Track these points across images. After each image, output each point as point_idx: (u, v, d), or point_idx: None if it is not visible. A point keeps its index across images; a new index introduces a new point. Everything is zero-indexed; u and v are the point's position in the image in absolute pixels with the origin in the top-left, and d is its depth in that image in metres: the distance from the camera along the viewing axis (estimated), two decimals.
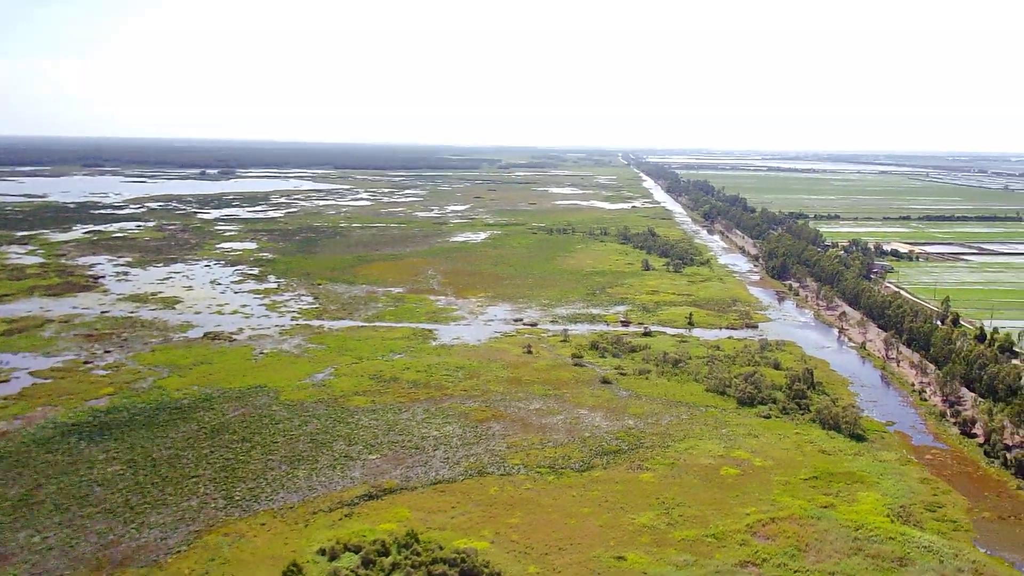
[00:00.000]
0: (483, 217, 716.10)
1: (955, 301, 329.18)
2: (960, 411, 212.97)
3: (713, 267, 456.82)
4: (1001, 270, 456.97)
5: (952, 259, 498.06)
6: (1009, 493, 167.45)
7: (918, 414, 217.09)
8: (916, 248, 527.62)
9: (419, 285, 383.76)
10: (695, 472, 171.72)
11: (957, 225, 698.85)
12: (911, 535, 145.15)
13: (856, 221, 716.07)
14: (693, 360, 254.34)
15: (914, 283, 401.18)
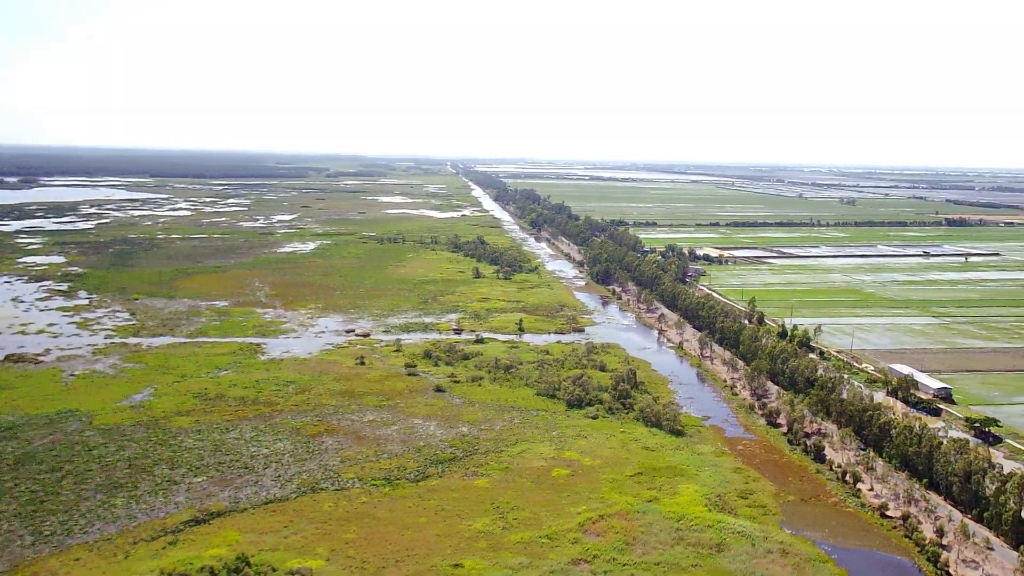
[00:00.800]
0: (312, 227, 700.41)
1: (760, 301, 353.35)
2: (767, 403, 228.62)
3: (541, 273, 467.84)
4: (798, 271, 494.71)
5: (756, 262, 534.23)
6: (810, 477, 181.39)
7: (730, 408, 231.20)
8: (725, 252, 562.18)
9: (245, 298, 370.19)
10: (528, 475, 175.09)
11: (760, 231, 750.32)
12: (726, 522, 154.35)
13: (672, 228, 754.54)
14: (524, 365, 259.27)
15: (724, 285, 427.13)
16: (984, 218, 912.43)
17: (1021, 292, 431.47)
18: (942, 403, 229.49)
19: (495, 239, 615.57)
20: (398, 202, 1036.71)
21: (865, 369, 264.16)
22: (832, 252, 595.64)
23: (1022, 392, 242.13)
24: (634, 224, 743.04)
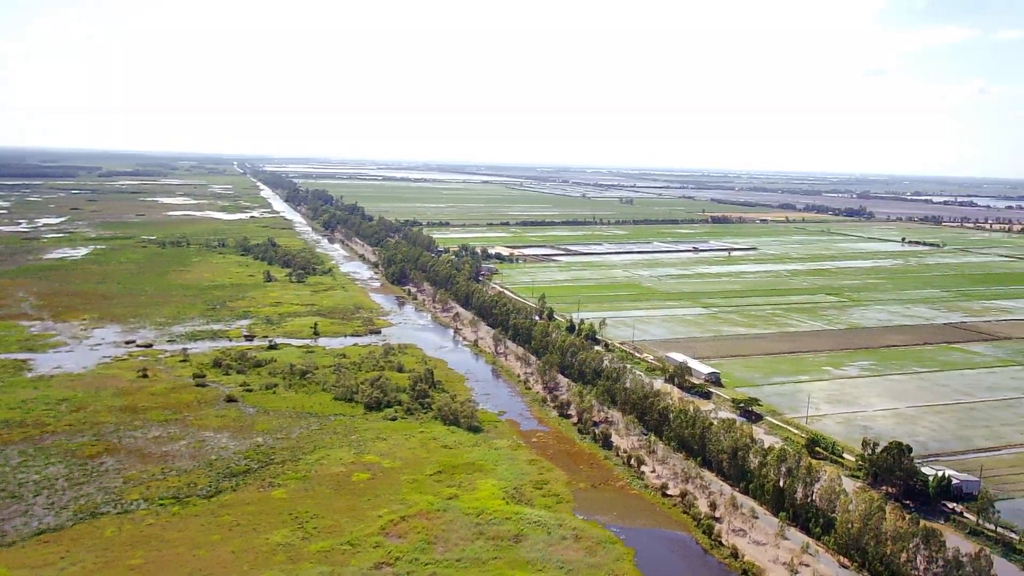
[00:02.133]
0: (83, 231, 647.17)
1: (550, 297, 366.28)
2: (558, 396, 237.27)
3: (336, 276, 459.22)
4: (584, 268, 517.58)
5: (546, 260, 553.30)
6: (599, 463, 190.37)
7: (524, 402, 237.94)
8: (516, 251, 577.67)
9: (7, 310, 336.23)
10: (327, 482, 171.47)
11: (548, 229, 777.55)
12: (523, 513, 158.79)
13: (464, 227, 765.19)
14: (321, 370, 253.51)
15: (516, 283, 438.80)
16: (743, 216, 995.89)
17: (775, 283, 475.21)
18: (712, 387, 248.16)
19: (287, 241, 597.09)
20: (181, 203, 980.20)
21: (645, 358, 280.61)
22: (614, 249, 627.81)
23: (778, 373, 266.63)
24: (428, 224, 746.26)
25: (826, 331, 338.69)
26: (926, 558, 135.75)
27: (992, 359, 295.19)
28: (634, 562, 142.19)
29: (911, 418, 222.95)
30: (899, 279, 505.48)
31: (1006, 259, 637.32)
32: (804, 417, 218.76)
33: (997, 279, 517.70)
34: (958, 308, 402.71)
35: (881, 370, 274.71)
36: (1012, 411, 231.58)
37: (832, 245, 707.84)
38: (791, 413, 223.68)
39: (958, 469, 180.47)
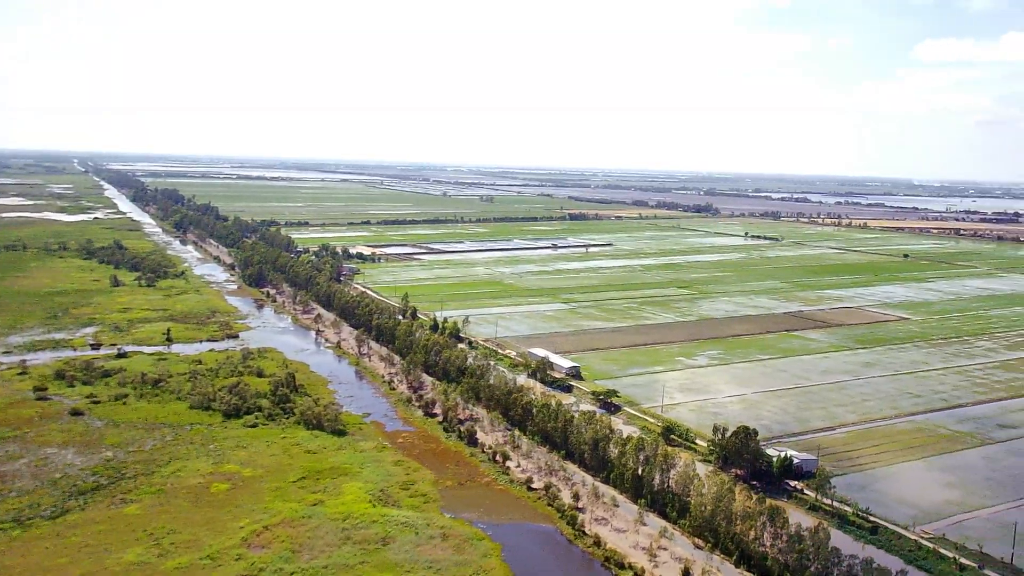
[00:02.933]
0: None
1: (413, 296, 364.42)
2: (423, 395, 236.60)
3: (189, 279, 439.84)
4: (446, 266, 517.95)
5: (408, 259, 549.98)
6: (465, 461, 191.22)
7: (389, 402, 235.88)
8: (378, 250, 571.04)
9: None
10: (185, 495, 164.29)
11: (410, 228, 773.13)
12: (391, 514, 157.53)
13: (324, 227, 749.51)
14: (175, 378, 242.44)
15: (379, 283, 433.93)
16: (599, 213, 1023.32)
17: (630, 277, 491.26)
18: (573, 380, 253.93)
19: (135, 243, 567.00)
20: (15, 204, 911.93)
21: (508, 355, 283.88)
22: (476, 247, 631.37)
23: (634, 364, 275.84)
24: (286, 224, 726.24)
25: (678, 323, 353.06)
26: (772, 534, 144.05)
27: (826, 345, 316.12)
28: (501, 557, 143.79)
29: (756, 403, 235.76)
30: (743, 272, 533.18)
31: (837, 251, 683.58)
32: (660, 406, 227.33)
33: (830, 270, 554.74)
34: (796, 298, 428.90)
35: (729, 359, 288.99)
36: (844, 393, 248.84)
37: (682, 240, 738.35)
38: (648, 403, 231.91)
39: (798, 449, 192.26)
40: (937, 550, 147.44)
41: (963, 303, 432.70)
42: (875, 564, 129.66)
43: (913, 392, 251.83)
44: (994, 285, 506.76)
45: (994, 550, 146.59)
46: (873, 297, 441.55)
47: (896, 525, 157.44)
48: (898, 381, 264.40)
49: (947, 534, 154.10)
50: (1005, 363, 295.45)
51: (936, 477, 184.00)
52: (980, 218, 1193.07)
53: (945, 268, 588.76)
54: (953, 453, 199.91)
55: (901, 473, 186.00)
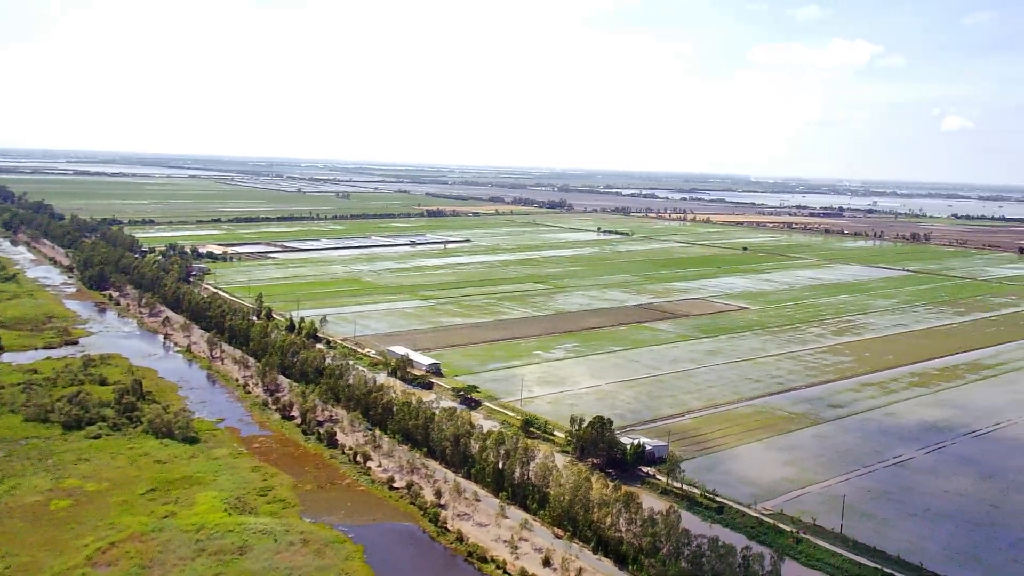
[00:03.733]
0: None
1: (268, 296, 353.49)
2: (280, 398, 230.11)
3: (21, 282, 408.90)
4: (302, 265, 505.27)
5: (262, 258, 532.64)
6: (325, 463, 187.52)
7: (244, 407, 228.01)
8: (230, 249, 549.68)
9: None
10: (21, 514, 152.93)
11: (263, 226, 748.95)
12: (247, 523, 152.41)
13: (171, 225, 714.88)
14: (7, 389, 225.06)
15: (231, 283, 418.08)
16: (457, 209, 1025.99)
17: (488, 273, 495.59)
18: (433, 377, 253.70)
19: None
20: None
21: (368, 353, 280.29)
22: (332, 244, 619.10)
23: (494, 360, 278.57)
24: (129, 223, 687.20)
25: (535, 317, 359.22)
26: (627, 520, 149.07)
27: (674, 335, 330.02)
28: (364, 559, 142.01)
29: (610, 393, 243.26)
30: (596, 266, 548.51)
31: (683, 245, 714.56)
32: (519, 400, 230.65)
33: (676, 263, 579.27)
34: (646, 291, 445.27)
35: (584, 351, 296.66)
36: (691, 381, 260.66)
37: (538, 236, 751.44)
38: (507, 397, 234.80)
39: (650, 436, 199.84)
40: (776, 525, 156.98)
41: (796, 292, 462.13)
42: (721, 542, 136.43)
43: (753, 377, 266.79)
44: (822, 275, 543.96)
45: (826, 521, 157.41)
46: (716, 288, 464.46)
47: (740, 504, 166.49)
48: (739, 368, 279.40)
49: (785, 509, 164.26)
50: (832, 347, 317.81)
51: (774, 456, 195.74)
52: (809, 213, 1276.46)
53: (780, 260, 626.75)
54: (789, 433, 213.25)
55: (744, 454, 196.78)
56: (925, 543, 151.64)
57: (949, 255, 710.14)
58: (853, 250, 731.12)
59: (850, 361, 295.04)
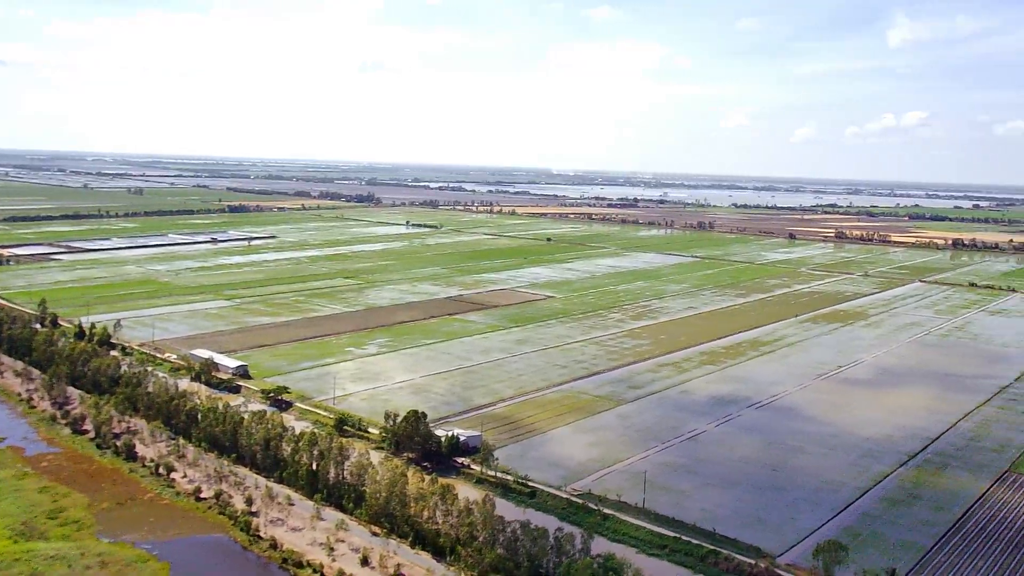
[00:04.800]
0: None
1: (52, 301, 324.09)
2: (70, 411, 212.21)
3: None
4: (91, 266, 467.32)
5: (44, 259, 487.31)
6: (124, 478, 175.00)
7: (29, 423, 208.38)
8: (6, 251, 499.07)
9: None
10: None
11: (44, 225, 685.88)
12: (37, 549, 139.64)
13: None
14: None
15: (9, 288, 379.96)
16: (261, 204, 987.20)
17: (296, 270, 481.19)
18: (241, 380, 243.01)
19: None
20: None
21: (169, 359, 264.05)
22: (125, 244, 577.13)
23: (305, 359, 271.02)
24: None
25: (346, 313, 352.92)
26: (444, 512, 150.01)
27: (484, 326, 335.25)
28: None
29: (424, 387, 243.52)
30: (406, 260, 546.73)
31: (491, 237, 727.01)
32: (332, 398, 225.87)
33: (485, 255, 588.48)
34: (456, 283, 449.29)
35: (397, 346, 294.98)
36: (501, 370, 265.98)
37: (346, 230, 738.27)
38: (320, 396, 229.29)
39: (464, 427, 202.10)
40: (585, 504, 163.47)
41: (597, 280, 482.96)
42: (533, 526, 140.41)
43: (560, 364, 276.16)
44: (620, 263, 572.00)
45: (630, 497, 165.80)
46: (523, 279, 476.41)
47: (551, 487, 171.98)
48: (547, 355, 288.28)
49: (592, 488, 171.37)
50: (632, 331, 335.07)
51: (582, 438, 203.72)
52: (607, 204, 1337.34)
53: (581, 249, 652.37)
54: (595, 415, 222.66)
55: (554, 438, 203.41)
56: (718, 510, 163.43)
57: (731, 241, 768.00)
58: (647, 239, 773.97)
59: (648, 344, 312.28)
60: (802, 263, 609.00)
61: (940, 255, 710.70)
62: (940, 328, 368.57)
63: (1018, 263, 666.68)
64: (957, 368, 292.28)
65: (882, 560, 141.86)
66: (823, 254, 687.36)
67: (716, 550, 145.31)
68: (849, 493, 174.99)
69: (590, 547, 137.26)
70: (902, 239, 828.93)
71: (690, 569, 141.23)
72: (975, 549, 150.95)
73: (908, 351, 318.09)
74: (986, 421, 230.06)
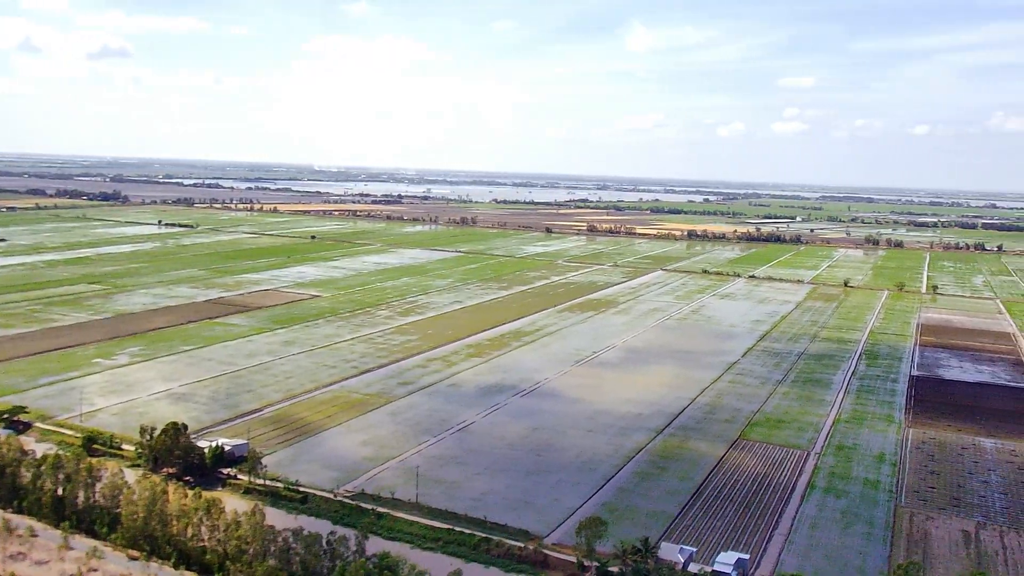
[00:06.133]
0: None
1: None
2: None
3: None
4: None
5: None
6: None
7: None
8: None
9: None
10: None
11: None
12: None
13: None
14: None
15: None
16: None
17: (32, 275, 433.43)
18: None
19: None
20: None
21: None
22: None
23: (45, 374, 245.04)
24: None
25: (93, 322, 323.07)
26: (209, 527, 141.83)
27: (248, 328, 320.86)
28: None
29: (185, 396, 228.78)
30: (160, 262, 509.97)
31: (252, 236, 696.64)
32: (79, 416, 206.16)
33: (246, 255, 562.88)
34: (216, 285, 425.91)
35: (152, 354, 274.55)
36: (268, 373, 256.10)
37: (90, 231, 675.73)
38: (65, 414, 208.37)
39: (230, 436, 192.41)
40: (359, 505, 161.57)
41: (364, 277, 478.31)
42: (306, 532, 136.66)
43: (329, 364, 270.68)
44: (387, 260, 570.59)
45: (403, 493, 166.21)
46: (287, 278, 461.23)
47: (323, 490, 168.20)
48: (315, 356, 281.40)
49: (366, 488, 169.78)
50: (400, 328, 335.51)
51: (354, 438, 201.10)
52: (372, 200, 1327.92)
53: (347, 247, 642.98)
54: (366, 414, 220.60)
55: (325, 440, 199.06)
56: (488, 498, 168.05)
57: (492, 236, 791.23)
58: (412, 235, 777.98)
59: (416, 339, 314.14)
60: (559, 256, 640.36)
61: (678, 245, 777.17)
62: (680, 312, 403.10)
63: (742, 251, 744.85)
64: (694, 348, 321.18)
65: (637, 531, 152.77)
66: (577, 246, 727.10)
67: (488, 537, 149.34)
68: (607, 470, 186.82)
69: (364, 548, 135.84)
70: (645, 231, 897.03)
71: (463, 559, 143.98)
72: (714, 511, 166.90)
73: (653, 335, 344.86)
74: (720, 394, 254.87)
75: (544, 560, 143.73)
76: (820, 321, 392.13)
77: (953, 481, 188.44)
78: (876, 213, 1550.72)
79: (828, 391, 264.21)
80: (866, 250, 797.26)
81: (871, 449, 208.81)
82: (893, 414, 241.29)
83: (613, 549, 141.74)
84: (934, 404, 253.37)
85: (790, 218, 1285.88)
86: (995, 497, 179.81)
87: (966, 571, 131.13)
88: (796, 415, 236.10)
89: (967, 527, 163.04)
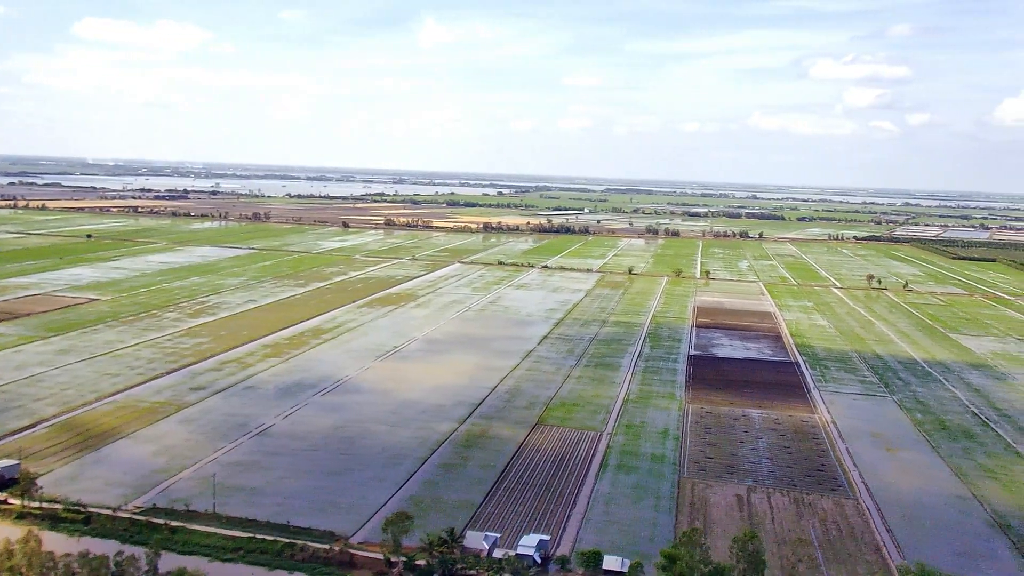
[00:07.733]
0: None
1: None
2: None
3: None
4: None
5: None
6: None
7: None
8: None
9: None
10: None
11: None
12: None
13: None
14: None
15: None
16: None
17: None
18: None
19: None
20: None
21: None
22: None
23: None
24: None
25: None
26: None
27: (16, 338, 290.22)
28: None
29: None
30: None
31: (17, 235, 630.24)
32: None
33: (10, 257, 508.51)
34: None
35: None
36: (42, 386, 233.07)
37: None
38: None
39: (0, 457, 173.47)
40: (150, 520, 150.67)
41: (148, 278, 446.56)
42: (91, 554, 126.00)
43: (112, 372, 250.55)
44: (174, 258, 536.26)
45: (200, 504, 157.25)
46: (60, 281, 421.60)
47: (109, 508, 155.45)
48: (96, 364, 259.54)
49: (158, 502, 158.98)
50: (190, 330, 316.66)
51: (143, 450, 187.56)
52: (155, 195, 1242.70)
53: (129, 246, 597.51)
54: (156, 423, 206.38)
55: (109, 454, 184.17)
56: (292, 502, 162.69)
57: (287, 232, 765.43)
58: (201, 232, 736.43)
59: (208, 341, 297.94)
60: (356, 250, 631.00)
61: (474, 238, 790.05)
62: (478, 303, 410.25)
63: (535, 242, 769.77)
64: (493, 337, 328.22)
65: (443, 521, 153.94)
66: (375, 241, 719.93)
67: (292, 542, 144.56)
68: (411, 464, 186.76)
69: (157, 566, 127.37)
70: (442, 224, 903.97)
71: (266, 567, 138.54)
72: (516, 496, 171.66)
73: (453, 327, 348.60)
74: (519, 381, 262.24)
75: (351, 560, 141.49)
76: (608, 307, 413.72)
77: (727, 450, 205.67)
78: (655, 204, 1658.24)
79: (617, 373, 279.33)
80: (647, 239, 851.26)
81: (656, 426, 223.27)
82: (675, 392, 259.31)
83: (420, 542, 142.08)
84: (710, 380, 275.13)
85: (578, 210, 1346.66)
86: (763, 463, 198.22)
87: (740, 532, 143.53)
88: (589, 398, 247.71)
89: (740, 491, 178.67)
